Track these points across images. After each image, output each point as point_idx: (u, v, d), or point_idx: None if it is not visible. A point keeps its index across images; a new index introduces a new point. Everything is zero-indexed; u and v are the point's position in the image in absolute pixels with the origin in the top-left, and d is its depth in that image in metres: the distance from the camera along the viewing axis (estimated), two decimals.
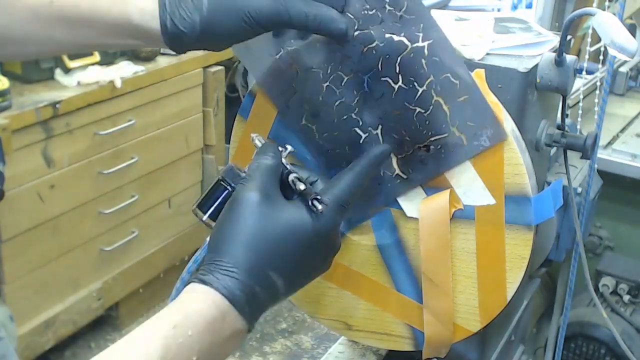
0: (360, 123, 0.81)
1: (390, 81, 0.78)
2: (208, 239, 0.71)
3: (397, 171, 0.81)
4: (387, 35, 0.77)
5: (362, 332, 0.90)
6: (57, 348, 2.40)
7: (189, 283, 0.67)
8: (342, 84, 0.80)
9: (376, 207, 0.84)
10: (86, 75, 2.27)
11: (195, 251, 0.74)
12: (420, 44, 0.76)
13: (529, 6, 1.97)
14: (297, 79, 0.82)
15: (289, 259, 0.68)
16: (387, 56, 0.77)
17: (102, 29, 0.78)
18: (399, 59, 0.77)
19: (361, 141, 0.81)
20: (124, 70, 2.37)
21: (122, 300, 2.58)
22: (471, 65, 0.83)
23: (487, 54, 0.87)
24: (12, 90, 2.05)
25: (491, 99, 0.78)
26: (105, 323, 2.63)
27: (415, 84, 0.77)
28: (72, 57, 2.33)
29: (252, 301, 0.66)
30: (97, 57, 2.40)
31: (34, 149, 2.10)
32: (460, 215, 0.81)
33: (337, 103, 0.81)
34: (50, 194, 2.18)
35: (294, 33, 0.80)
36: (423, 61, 0.77)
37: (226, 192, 0.73)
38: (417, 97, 0.78)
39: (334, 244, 0.73)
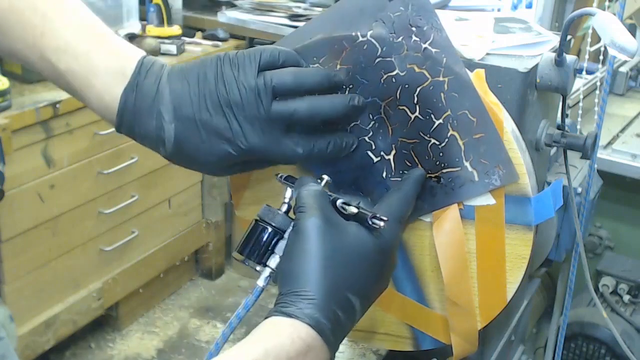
0: (374, 147, 0.81)
1: (407, 110, 0.78)
2: (261, 282, 0.70)
3: None
4: (409, 66, 0.77)
5: (362, 332, 0.90)
6: (57, 348, 2.40)
7: (267, 317, 0.65)
8: None
9: None
10: None
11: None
12: (440, 78, 0.76)
13: (529, 6, 1.97)
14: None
15: (362, 278, 0.68)
16: (407, 86, 0.78)
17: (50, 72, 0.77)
18: (418, 89, 0.77)
19: (373, 164, 0.81)
20: None
21: (122, 300, 2.58)
22: (471, 65, 0.83)
23: (487, 54, 0.87)
24: (12, 90, 2.05)
25: (491, 99, 0.78)
26: (105, 323, 2.63)
27: (433, 116, 0.77)
28: None
29: (337, 328, 0.65)
30: None
31: (34, 149, 2.11)
32: (461, 215, 0.81)
33: (351, 125, 0.81)
34: (50, 194, 2.18)
35: (316, 52, 0.80)
36: (442, 95, 0.77)
37: (267, 231, 0.71)
38: (433, 128, 0.78)
39: (395, 260, 0.74)
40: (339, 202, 0.71)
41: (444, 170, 0.79)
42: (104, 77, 0.75)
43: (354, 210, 0.70)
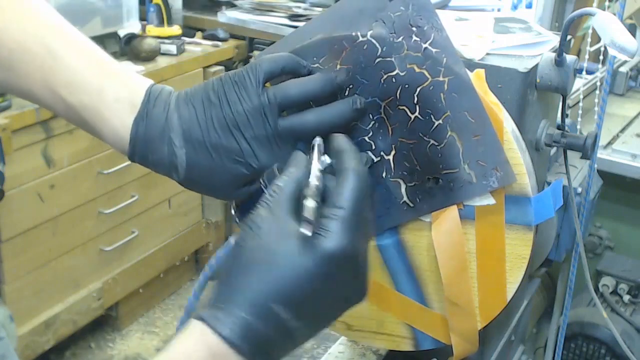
0: (373, 147, 0.81)
1: (407, 110, 0.78)
2: (232, 240, 0.67)
3: (405, 199, 0.82)
4: (409, 66, 0.77)
5: (362, 332, 0.90)
6: (57, 348, 2.41)
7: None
8: None
9: (382, 229, 0.84)
10: None
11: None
12: (440, 78, 0.76)
13: (529, 6, 1.97)
14: None
15: (296, 290, 0.60)
16: (407, 86, 0.77)
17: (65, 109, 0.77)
18: (418, 89, 0.77)
19: (373, 164, 0.81)
20: None
21: (122, 300, 2.58)
22: (471, 65, 0.83)
23: (487, 54, 0.87)
24: None
25: (491, 99, 0.78)
26: (105, 323, 2.63)
27: (432, 116, 0.77)
28: None
29: (253, 338, 0.59)
30: None
31: (34, 149, 2.11)
32: (461, 215, 0.81)
33: (351, 124, 0.81)
34: (50, 194, 2.18)
35: (316, 52, 0.79)
36: (442, 95, 0.77)
37: (259, 192, 0.69)
38: (432, 129, 0.78)
39: (357, 267, 0.64)
40: (306, 200, 0.63)
41: (443, 172, 0.79)
42: (115, 108, 0.76)
43: (309, 204, 0.62)
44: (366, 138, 0.81)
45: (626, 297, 1.80)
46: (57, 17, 0.78)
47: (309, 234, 0.61)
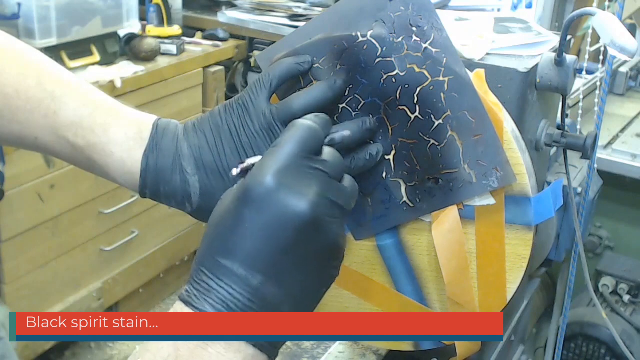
0: None
1: (407, 110, 0.78)
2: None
3: (405, 199, 0.82)
4: (409, 66, 0.77)
5: None
6: (57, 348, 2.41)
7: None
8: (359, 107, 0.80)
9: (382, 229, 0.84)
10: (86, 75, 2.27)
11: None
12: (440, 78, 0.76)
13: (529, 6, 1.98)
14: None
15: (242, 240, 0.57)
16: (407, 86, 0.77)
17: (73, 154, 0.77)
18: (418, 90, 0.77)
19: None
20: (124, 70, 2.37)
21: (122, 300, 2.58)
22: (471, 65, 0.83)
23: (487, 54, 0.87)
24: None
25: (491, 99, 0.78)
26: None
27: (432, 116, 0.77)
28: (72, 57, 2.33)
29: (200, 290, 0.57)
30: (97, 57, 2.41)
31: None
32: (461, 215, 0.81)
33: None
34: (50, 194, 2.18)
35: (317, 52, 0.80)
36: (442, 95, 0.76)
37: None
38: (432, 129, 0.78)
39: (292, 209, 0.57)
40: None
41: (443, 172, 0.79)
42: (123, 144, 0.76)
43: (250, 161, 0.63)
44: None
45: (626, 297, 1.80)
46: (52, 62, 0.78)
47: (234, 172, 0.62)
